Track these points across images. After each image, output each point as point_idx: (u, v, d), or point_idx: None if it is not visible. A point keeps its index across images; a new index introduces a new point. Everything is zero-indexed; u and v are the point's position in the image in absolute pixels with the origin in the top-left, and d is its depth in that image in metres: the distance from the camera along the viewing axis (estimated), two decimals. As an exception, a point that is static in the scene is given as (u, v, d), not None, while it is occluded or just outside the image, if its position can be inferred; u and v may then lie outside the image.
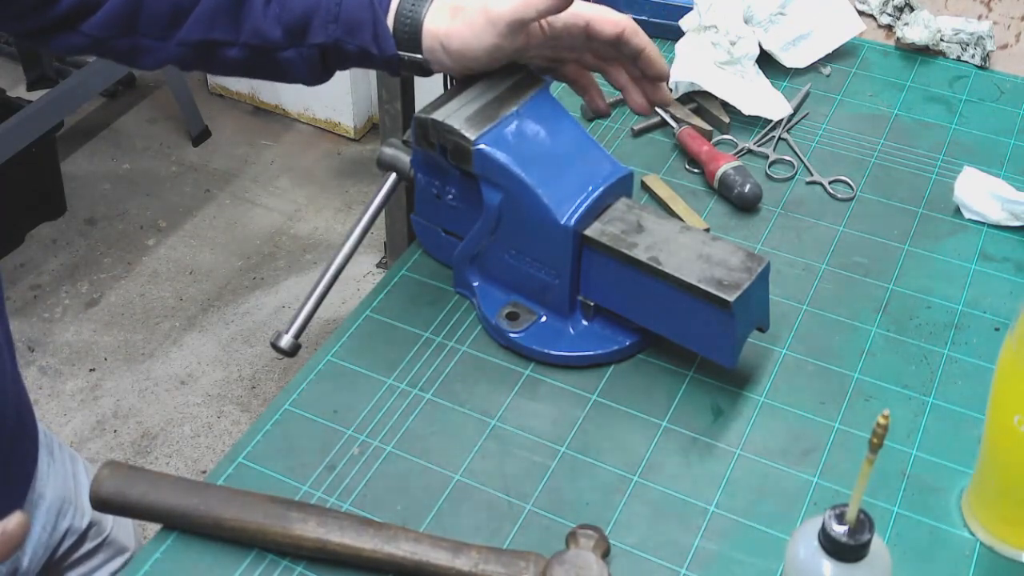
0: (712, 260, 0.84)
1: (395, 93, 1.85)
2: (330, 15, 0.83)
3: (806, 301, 0.97)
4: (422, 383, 0.89)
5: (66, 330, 2.33)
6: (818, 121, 1.18)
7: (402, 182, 0.95)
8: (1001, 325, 0.95)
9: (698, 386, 0.89)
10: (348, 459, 0.83)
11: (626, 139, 1.15)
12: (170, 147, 2.83)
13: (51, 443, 1.01)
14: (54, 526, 0.99)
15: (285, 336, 0.87)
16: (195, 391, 2.21)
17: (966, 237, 1.04)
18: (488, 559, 0.73)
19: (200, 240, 2.56)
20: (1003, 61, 1.27)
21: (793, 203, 1.07)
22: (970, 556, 0.77)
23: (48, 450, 1.00)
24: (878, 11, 1.32)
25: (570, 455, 0.84)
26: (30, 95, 2.66)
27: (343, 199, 2.68)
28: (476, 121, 0.87)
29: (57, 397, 2.19)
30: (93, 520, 1.04)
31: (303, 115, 2.89)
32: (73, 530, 1.01)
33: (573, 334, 0.91)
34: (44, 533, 0.97)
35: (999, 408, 0.74)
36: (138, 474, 0.77)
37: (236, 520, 0.75)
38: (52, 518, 0.98)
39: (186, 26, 0.84)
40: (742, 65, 1.18)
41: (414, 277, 0.98)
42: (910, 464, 0.83)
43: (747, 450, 0.84)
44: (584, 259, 0.88)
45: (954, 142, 1.15)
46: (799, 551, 0.65)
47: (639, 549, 0.77)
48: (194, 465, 2.08)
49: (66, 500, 1.00)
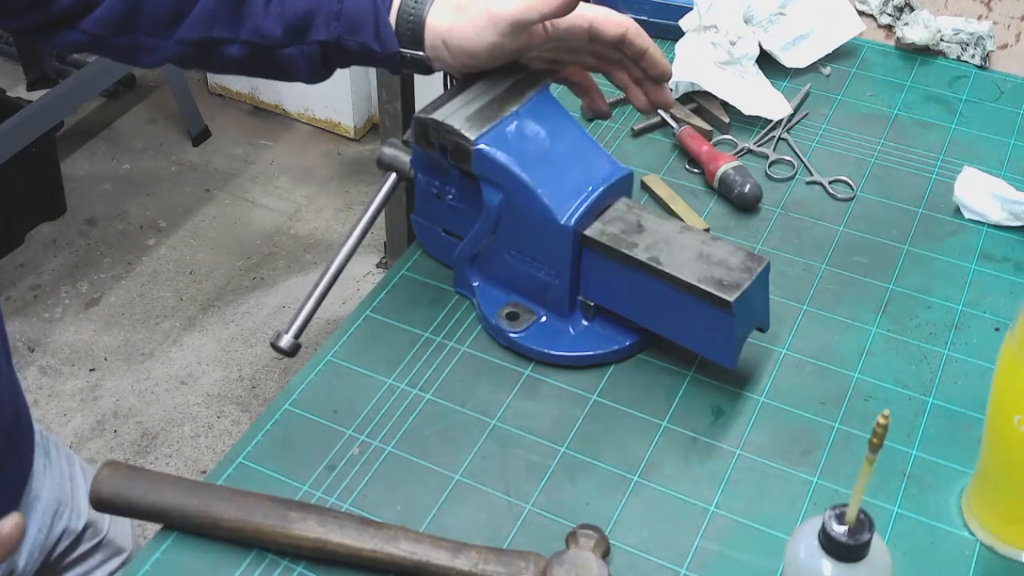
0: (712, 260, 0.84)
1: (395, 93, 1.85)
2: (332, 12, 0.83)
3: (806, 301, 0.97)
4: (422, 383, 0.89)
5: (66, 330, 2.33)
6: (818, 121, 1.18)
7: (402, 182, 0.95)
8: (1001, 325, 0.95)
9: (698, 386, 0.89)
10: (348, 459, 0.83)
11: (626, 139, 1.15)
12: (170, 147, 2.83)
13: (47, 444, 1.01)
14: (50, 527, 0.98)
15: (285, 336, 0.87)
16: (195, 391, 2.21)
17: (966, 237, 1.04)
18: (488, 559, 0.73)
19: (200, 240, 2.56)
20: (1003, 61, 1.27)
21: (793, 203, 1.07)
22: (970, 556, 0.77)
23: (44, 451, 0.99)
24: (878, 11, 1.32)
25: (570, 455, 0.84)
26: (30, 95, 2.66)
27: (343, 199, 2.68)
28: (476, 121, 0.87)
29: (57, 397, 2.19)
30: (90, 521, 1.04)
31: (303, 115, 2.89)
32: (69, 531, 1.01)
33: (573, 334, 0.91)
34: (40, 534, 0.97)
35: (999, 408, 0.74)
36: (138, 474, 0.77)
37: (236, 520, 0.75)
38: (48, 519, 0.98)
39: (186, 24, 0.84)
40: (742, 65, 1.18)
41: (414, 277, 0.98)
42: (910, 464, 0.83)
43: (747, 450, 0.84)
44: (584, 259, 0.88)
45: (954, 142, 1.15)
46: (799, 551, 0.65)
47: (639, 549, 0.77)
48: (194, 465, 2.08)
49: (62, 501, 1.00)
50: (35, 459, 0.97)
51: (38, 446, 0.98)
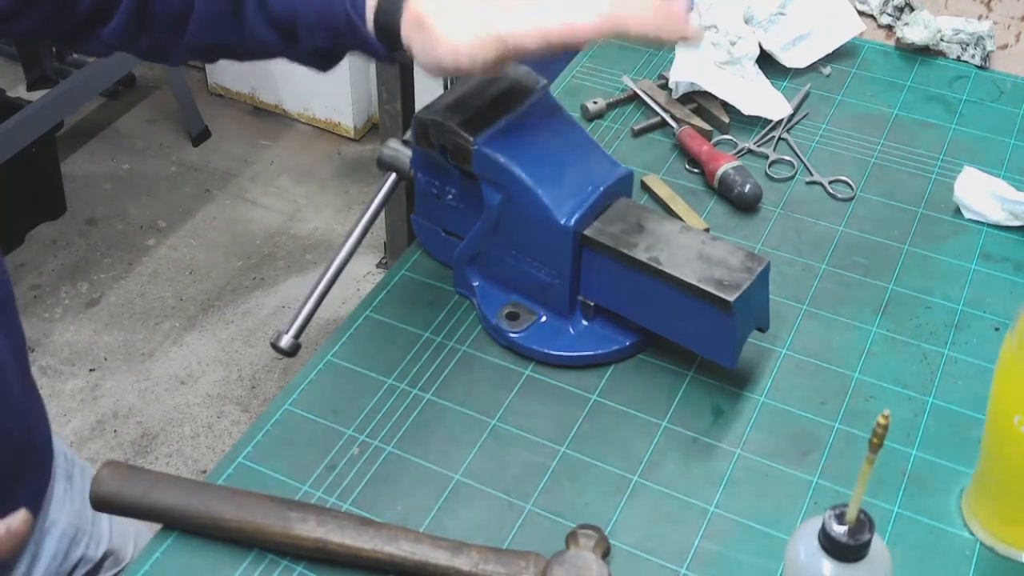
0: (712, 260, 0.84)
1: (395, 93, 1.85)
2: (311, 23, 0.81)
3: (806, 301, 0.97)
4: (422, 383, 0.89)
5: (66, 330, 2.33)
6: (818, 121, 1.18)
7: (402, 182, 0.95)
8: (1001, 325, 0.95)
9: (698, 386, 0.89)
10: (348, 459, 0.83)
11: (626, 139, 1.15)
12: (170, 147, 2.83)
13: (72, 468, 0.98)
14: (65, 554, 0.96)
15: (285, 336, 0.87)
16: (195, 391, 2.21)
17: (966, 237, 1.04)
18: (488, 559, 0.73)
19: (200, 240, 2.56)
20: (1003, 61, 1.27)
21: (793, 203, 1.07)
22: (970, 556, 0.77)
23: (67, 475, 0.97)
24: (878, 11, 1.32)
25: (570, 455, 0.84)
26: (30, 95, 2.66)
27: (343, 199, 2.68)
28: (476, 121, 0.87)
29: (57, 397, 2.19)
30: (110, 549, 1.01)
31: (303, 115, 2.89)
32: (87, 559, 0.98)
33: (573, 334, 0.91)
34: (54, 562, 0.95)
35: (999, 408, 0.74)
36: (138, 474, 0.77)
37: (236, 520, 0.75)
38: (64, 546, 0.96)
39: (189, 31, 0.84)
40: (742, 65, 1.18)
41: (414, 277, 0.98)
42: (910, 464, 0.83)
43: (747, 450, 0.84)
44: (584, 259, 0.88)
45: (954, 142, 1.15)
46: (799, 551, 0.65)
47: (639, 549, 0.77)
48: (194, 465, 2.08)
49: (80, 528, 0.97)
50: (55, 484, 0.95)
51: (60, 470, 0.96)
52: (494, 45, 0.76)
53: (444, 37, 0.76)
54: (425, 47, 0.77)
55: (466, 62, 0.76)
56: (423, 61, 0.79)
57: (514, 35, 0.76)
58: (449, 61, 0.77)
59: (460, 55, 0.76)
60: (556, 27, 0.76)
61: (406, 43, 0.79)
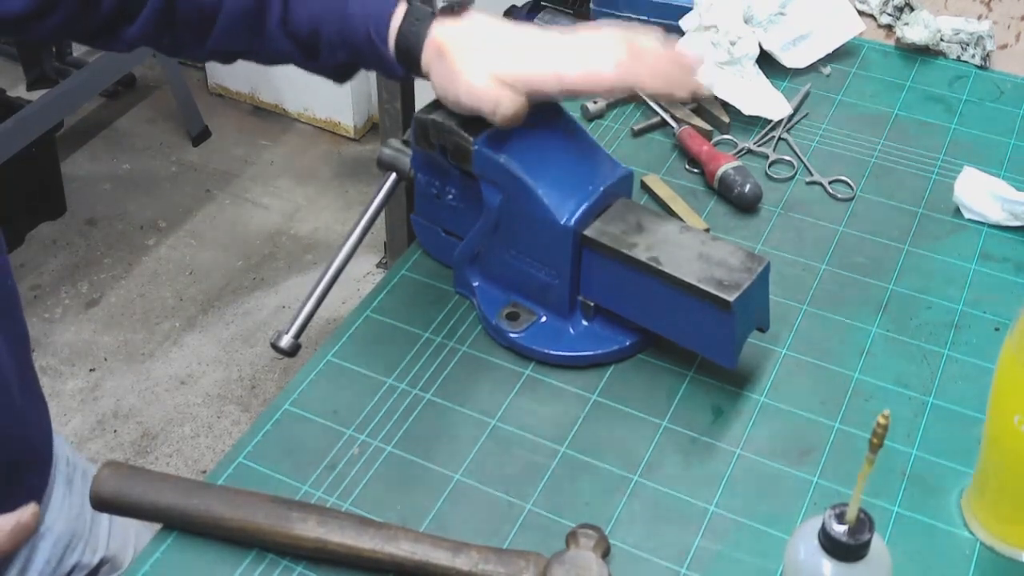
0: (712, 260, 0.84)
1: (395, 93, 1.85)
2: (335, 40, 0.83)
3: (806, 301, 0.97)
4: (422, 383, 0.89)
5: (66, 330, 2.33)
6: (818, 121, 1.18)
7: (402, 182, 0.95)
8: (1001, 325, 0.95)
9: (698, 386, 0.89)
10: (348, 459, 0.83)
11: (626, 139, 1.15)
12: (170, 147, 2.83)
13: (73, 473, 0.98)
14: (60, 560, 0.95)
15: (285, 336, 0.87)
16: (195, 391, 2.21)
17: (966, 237, 1.04)
18: (488, 559, 0.73)
19: (200, 240, 2.56)
20: (1003, 61, 1.27)
21: (793, 203, 1.07)
22: (970, 556, 0.77)
23: (67, 480, 0.97)
24: (878, 11, 1.32)
25: (570, 455, 0.84)
26: (30, 95, 2.66)
27: (343, 199, 2.68)
28: (476, 121, 0.86)
29: (57, 397, 2.19)
30: (107, 556, 1.00)
31: (303, 115, 2.89)
32: (81, 566, 0.98)
33: (573, 334, 0.91)
34: (48, 567, 0.94)
35: (999, 408, 0.74)
36: (138, 474, 0.77)
37: (236, 520, 0.75)
38: (59, 551, 0.95)
39: (212, 37, 0.84)
40: (742, 65, 1.18)
41: (414, 277, 0.98)
42: (910, 464, 0.83)
43: (747, 450, 0.84)
44: (584, 259, 0.88)
45: (954, 142, 1.15)
46: (799, 551, 0.65)
47: (639, 549, 0.77)
48: (194, 465, 2.08)
49: (76, 534, 0.97)
50: (54, 489, 0.94)
51: (60, 474, 0.96)
52: (511, 86, 0.79)
53: (462, 71, 0.79)
54: (443, 78, 0.80)
55: (487, 106, 0.79)
56: (441, 93, 0.82)
57: (533, 80, 0.79)
58: (465, 99, 0.80)
59: (475, 93, 0.79)
60: (575, 75, 0.79)
61: (426, 69, 0.81)
